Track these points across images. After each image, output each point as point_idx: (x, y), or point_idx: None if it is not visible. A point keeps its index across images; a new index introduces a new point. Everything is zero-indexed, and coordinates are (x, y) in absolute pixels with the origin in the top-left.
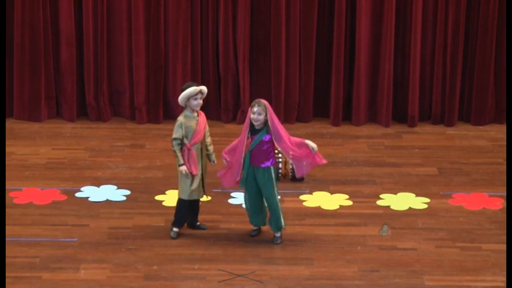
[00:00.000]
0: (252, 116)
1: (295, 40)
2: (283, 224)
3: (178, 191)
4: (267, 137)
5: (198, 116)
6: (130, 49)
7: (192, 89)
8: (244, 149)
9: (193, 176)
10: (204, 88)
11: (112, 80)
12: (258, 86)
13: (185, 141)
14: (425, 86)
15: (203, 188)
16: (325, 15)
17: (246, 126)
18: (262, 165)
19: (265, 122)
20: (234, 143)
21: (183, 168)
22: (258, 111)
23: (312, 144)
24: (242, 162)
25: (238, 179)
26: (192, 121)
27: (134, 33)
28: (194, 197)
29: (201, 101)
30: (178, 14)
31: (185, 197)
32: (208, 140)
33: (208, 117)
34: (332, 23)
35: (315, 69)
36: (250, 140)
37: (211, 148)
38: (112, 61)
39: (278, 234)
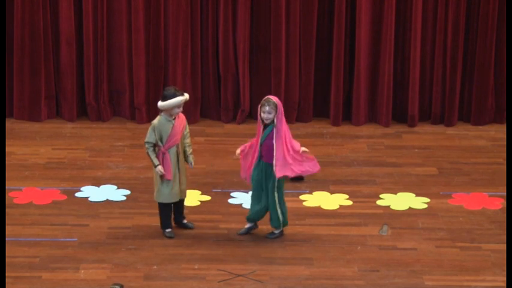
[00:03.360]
0: (262, 114)
1: (295, 40)
2: (281, 223)
3: (155, 195)
4: (274, 131)
5: (174, 119)
6: (130, 49)
7: (180, 99)
8: (258, 145)
9: (168, 180)
10: (188, 96)
11: (112, 80)
12: (258, 85)
13: (159, 144)
14: (425, 85)
15: (182, 191)
16: (325, 15)
17: (259, 122)
18: (269, 161)
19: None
20: (253, 141)
21: (159, 168)
22: (268, 110)
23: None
24: (256, 157)
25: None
26: (167, 124)
27: (134, 33)
28: (172, 200)
29: (181, 108)
30: (178, 13)
31: (164, 200)
32: (188, 140)
33: (207, 117)
34: (332, 23)
35: (314, 69)
36: (261, 134)
37: (189, 150)
38: (112, 61)
39: (276, 231)
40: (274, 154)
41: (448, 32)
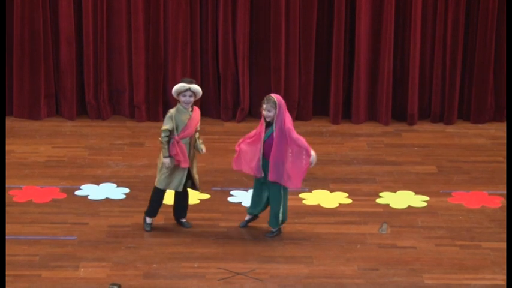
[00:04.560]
0: (263, 112)
1: (295, 38)
2: (279, 221)
3: (156, 180)
4: (276, 131)
5: (192, 111)
6: (130, 47)
7: (180, 86)
8: (261, 141)
9: (183, 168)
10: (194, 87)
11: (112, 79)
12: (257, 84)
13: (174, 133)
14: (425, 84)
15: (193, 183)
16: (324, 13)
17: (262, 121)
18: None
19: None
20: (251, 134)
21: (167, 160)
22: (267, 108)
23: (313, 158)
24: (260, 154)
25: (258, 172)
26: (184, 115)
27: (134, 32)
28: (172, 188)
29: (191, 99)
30: (178, 12)
31: (161, 186)
32: (197, 135)
33: (207, 115)
34: (332, 21)
35: (314, 67)
36: (264, 132)
37: (200, 140)
38: (112, 59)
39: (274, 229)
40: (271, 154)
41: (448, 29)
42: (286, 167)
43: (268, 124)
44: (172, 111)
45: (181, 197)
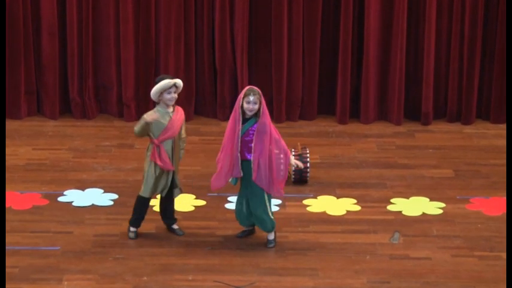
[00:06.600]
0: (246, 105)
1: (298, 30)
2: (269, 225)
3: (141, 189)
4: (255, 127)
5: (173, 111)
6: (118, 40)
7: (166, 82)
8: (237, 140)
9: (168, 171)
10: (178, 81)
11: (98, 74)
12: (257, 80)
13: (152, 137)
14: (441, 79)
15: (177, 185)
16: (331, 2)
17: (237, 116)
18: (248, 157)
19: (257, 111)
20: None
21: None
22: (254, 101)
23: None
24: (238, 154)
25: (236, 171)
26: (164, 117)
27: (122, 22)
28: (158, 192)
29: (175, 95)
30: (171, 1)
31: (146, 194)
32: (184, 135)
33: (203, 114)
34: (339, 12)
35: (319, 62)
36: (238, 129)
37: (183, 144)
38: (98, 53)
39: (271, 237)
40: (253, 151)
41: (466, 20)
42: (268, 170)
43: (244, 119)
44: (151, 116)
45: (167, 201)
